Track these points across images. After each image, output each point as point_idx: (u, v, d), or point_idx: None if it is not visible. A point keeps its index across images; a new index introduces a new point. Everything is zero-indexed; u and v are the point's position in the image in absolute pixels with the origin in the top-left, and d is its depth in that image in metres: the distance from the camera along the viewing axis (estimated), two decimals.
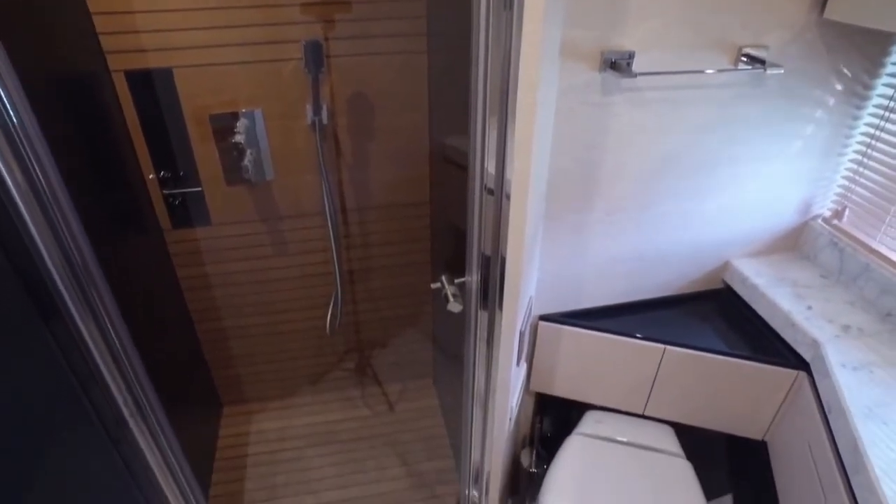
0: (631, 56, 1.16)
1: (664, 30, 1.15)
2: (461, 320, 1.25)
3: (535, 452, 1.79)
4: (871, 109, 1.37)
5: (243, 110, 1.63)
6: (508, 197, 0.93)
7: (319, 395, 2.34)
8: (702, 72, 1.21)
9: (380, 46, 1.62)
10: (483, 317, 1.13)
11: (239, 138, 1.63)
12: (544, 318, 1.50)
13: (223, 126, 1.64)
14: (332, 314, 2.00)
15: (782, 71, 1.22)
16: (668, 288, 1.58)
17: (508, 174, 0.92)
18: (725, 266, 1.57)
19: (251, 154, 1.67)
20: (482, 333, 1.16)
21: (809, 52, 1.25)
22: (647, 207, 1.40)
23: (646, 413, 1.59)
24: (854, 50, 1.27)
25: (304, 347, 2.20)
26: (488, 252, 1.04)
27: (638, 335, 1.46)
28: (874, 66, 1.31)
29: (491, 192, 0.98)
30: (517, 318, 1.11)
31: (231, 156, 1.68)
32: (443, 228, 1.85)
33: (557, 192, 1.30)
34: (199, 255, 1.86)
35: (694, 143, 1.32)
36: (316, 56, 1.57)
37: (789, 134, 1.36)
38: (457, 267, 1.21)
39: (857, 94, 1.34)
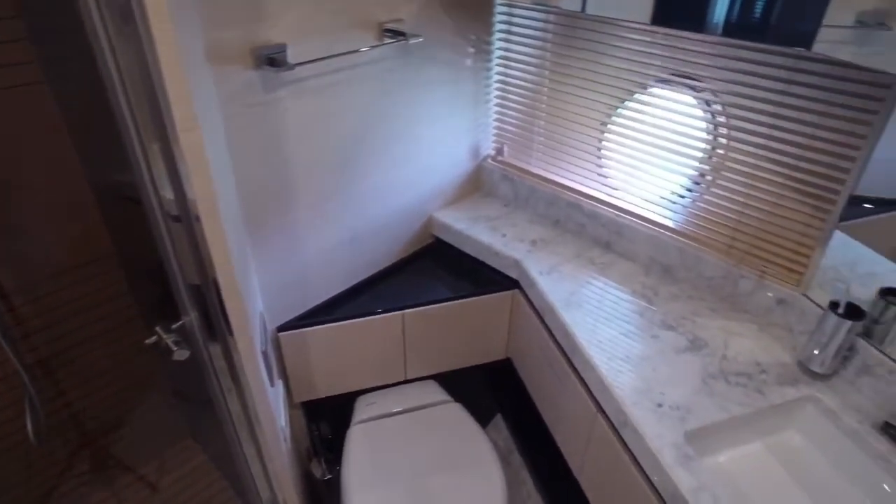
0: (284, 48, 1.15)
1: (309, 16, 1.16)
2: (197, 363, 1.13)
3: (323, 460, 1.75)
4: (497, 61, 1.62)
5: None
6: (198, 218, 0.85)
7: None
8: (356, 51, 1.26)
9: None
10: (216, 351, 1.03)
11: None
12: (282, 328, 1.44)
13: None
14: (31, 420, 1.61)
15: (422, 39, 1.35)
16: (389, 257, 1.67)
17: (190, 195, 0.84)
18: (430, 221, 1.72)
19: None
20: (222, 368, 1.06)
21: (437, 21, 1.41)
22: (348, 189, 1.43)
23: (408, 377, 1.68)
24: (468, 15, 1.48)
25: (8, 475, 1.74)
26: (197, 282, 0.94)
27: (378, 310, 1.51)
28: (486, 25, 1.54)
29: (177, 218, 0.88)
30: (254, 340, 1.04)
31: None
32: (141, 275, 1.62)
33: (253, 198, 1.24)
34: None
35: (371, 119, 1.39)
36: None
37: (445, 93, 1.53)
38: (171, 311, 1.07)
39: (484, 50, 1.57)
